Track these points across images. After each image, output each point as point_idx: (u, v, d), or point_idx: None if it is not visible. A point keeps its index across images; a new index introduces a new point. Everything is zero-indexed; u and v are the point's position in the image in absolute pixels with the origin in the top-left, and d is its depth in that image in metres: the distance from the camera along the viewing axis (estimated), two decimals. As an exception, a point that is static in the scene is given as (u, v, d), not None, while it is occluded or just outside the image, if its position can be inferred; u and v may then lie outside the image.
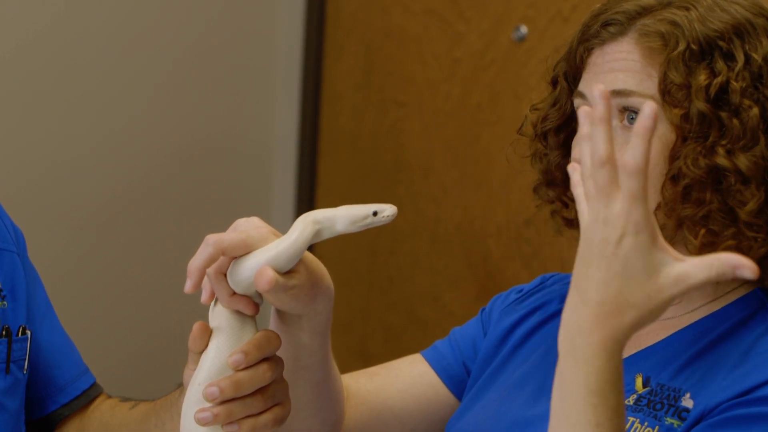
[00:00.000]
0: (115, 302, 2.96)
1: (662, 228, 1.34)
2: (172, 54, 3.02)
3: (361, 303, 3.11)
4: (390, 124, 3.06)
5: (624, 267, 1.08)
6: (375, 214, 1.31)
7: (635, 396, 1.35)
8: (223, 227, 1.33)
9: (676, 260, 1.09)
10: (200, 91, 3.09)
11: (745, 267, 1.06)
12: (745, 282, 1.40)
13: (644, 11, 1.38)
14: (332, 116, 3.22)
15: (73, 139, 2.86)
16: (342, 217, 1.30)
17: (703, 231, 1.33)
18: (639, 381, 1.36)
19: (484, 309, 1.65)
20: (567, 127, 1.48)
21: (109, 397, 1.67)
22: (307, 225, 1.28)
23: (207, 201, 3.11)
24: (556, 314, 1.52)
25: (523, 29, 2.75)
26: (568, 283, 1.57)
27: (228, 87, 3.15)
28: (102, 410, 1.63)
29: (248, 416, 1.28)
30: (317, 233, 1.29)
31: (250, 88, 3.21)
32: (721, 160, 1.32)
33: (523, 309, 1.57)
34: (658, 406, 1.33)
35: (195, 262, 1.26)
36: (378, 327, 3.07)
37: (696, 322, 1.38)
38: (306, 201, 3.24)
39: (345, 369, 1.56)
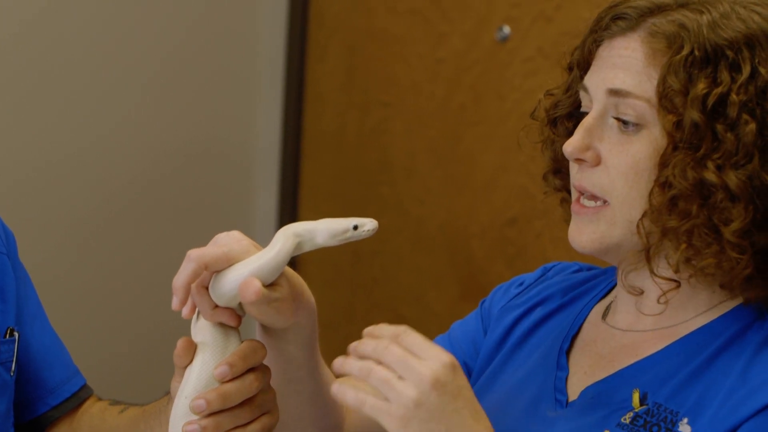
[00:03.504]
0: (105, 303, 2.96)
1: (648, 235, 1.34)
2: (155, 55, 3.01)
3: (345, 303, 3.11)
4: (373, 124, 3.06)
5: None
6: (355, 228, 1.32)
7: (632, 414, 1.33)
8: (206, 228, 1.34)
9: None
10: (183, 93, 3.08)
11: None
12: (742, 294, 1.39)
13: (657, 9, 1.34)
14: (315, 117, 3.22)
15: (59, 142, 2.85)
16: (322, 231, 1.31)
17: (684, 246, 1.30)
18: (636, 397, 1.34)
19: (484, 302, 1.62)
20: (577, 114, 1.46)
21: (100, 399, 1.66)
22: (288, 238, 1.29)
23: (190, 202, 3.11)
24: (557, 310, 1.51)
25: (506, 29, 2.76)
26: (570, 274, 1.57)
27: (211, 88, 3.15)
28: (92, 413, 1.62)
29: (236, 427, 1.28)
30: (298, 246, 1.30)
31: (233, 90, 3.20)
32: (710, 175, 1.28)
33: (524, 305, 1.55)
34: (655, 429, 1.31)
35: (179, 279, 1.26)
36: (362, 327, 3.04)
37: (693, 333, 1.36)
38: (289, 202, 3.24)
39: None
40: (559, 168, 1.48)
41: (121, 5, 2.94)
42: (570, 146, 1.35)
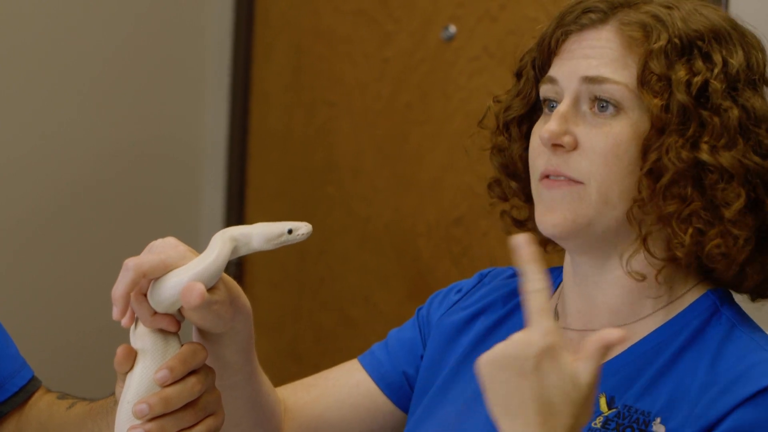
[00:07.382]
0: (52, 300, 2.95)
1: (639, 223, 1.34)
2: (99, 53, 3.00)
3: (292, 303, 3.10)
4: (320, 124, 3.06)
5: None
6: (290, 232, 1.33)
7: (602, 418, 1.33)
8: (153, 227, 1.33)
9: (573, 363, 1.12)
10: (128, 91, 3.07)
11: (614, 336, 1.11)
12: (698, 282, 1.40)
13: (627, 2, 1.38)
14: (262, 116, 3.22)
15: (2, 142, 2.83)
16: (257, 235, 1.32)
17: (691, 230, 1.32)
18: (603, 401, 1.35)
19: (420, 309, 1.62)
20: (530, 117, 1.47)
21: (48, 391, 1.65)
22: (225, 242, 1.30)
23: (136, 201, 3.09)
24: (504, 319, 1.51)
25: (452, 29, 2.76)
26: (505, 279, 1.57)
27: (156, 87, 3.13)
28: (40, 408, 1.61)
29: (181, 430, 1.28)
30: (234, 250, 1.31)
31: (178, 89, 3.19)
32: (705, 155, 1.31)
33: (467, 309, 1.55)
34: (628, 431, 1.32)
35: (118, 289, 1.26)
36: (309, 327, 3.07)
37: (653, 333, 1.37)
38: (236, 201, 3.23)
39: (276, 369, 1.55)
40: (515, 171, 1.48)
41: (64, 2, 2.93)
42: (547, 132, 1.36)
